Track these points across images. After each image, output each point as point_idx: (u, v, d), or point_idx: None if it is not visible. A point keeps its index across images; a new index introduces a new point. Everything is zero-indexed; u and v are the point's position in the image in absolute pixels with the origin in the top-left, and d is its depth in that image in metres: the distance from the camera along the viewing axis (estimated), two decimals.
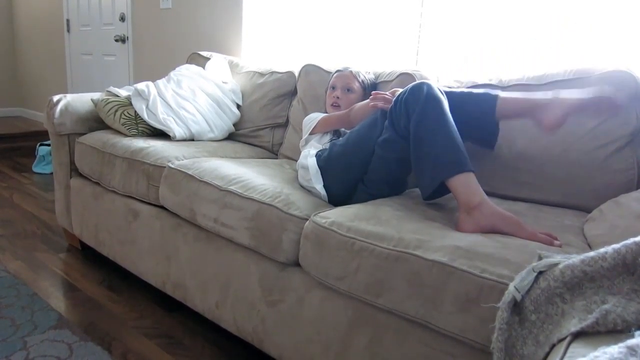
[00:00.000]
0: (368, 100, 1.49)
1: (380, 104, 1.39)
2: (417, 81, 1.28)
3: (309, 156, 1.49)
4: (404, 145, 1.28)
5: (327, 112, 1.75)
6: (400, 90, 1.36)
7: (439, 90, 1.26)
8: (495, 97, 1.34)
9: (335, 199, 1.42)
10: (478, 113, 1.36)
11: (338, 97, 1.69)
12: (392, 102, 1.31)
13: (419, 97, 1.23)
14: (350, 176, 1.40)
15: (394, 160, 1.33)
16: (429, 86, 1.25)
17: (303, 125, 1.71)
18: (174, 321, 1.68)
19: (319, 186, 1.41)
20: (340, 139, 1.48)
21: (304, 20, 2.56)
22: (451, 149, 1.17)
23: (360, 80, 1.72)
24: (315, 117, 1.66)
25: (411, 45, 2.18)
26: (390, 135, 1.31)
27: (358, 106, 1.52)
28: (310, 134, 1.65)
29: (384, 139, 1.32)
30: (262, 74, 2.22)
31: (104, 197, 1.93)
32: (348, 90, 1.69)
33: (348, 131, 1.57)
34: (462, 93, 1.38)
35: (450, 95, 1.36)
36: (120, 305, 1.77)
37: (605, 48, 1.67)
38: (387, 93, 1.41)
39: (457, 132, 1.21)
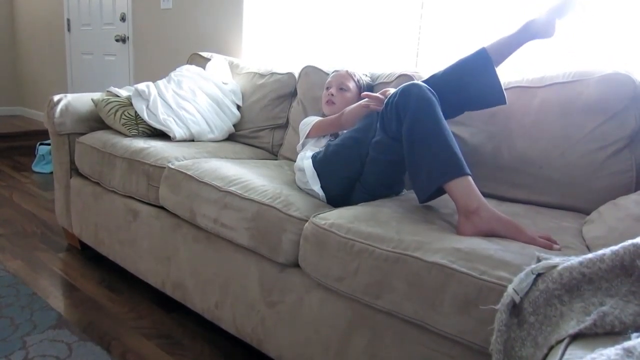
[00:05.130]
0: (359, 103, 1.49)
1: (372, 104, 1.39)
2: (407, 83, 1.27)
3: (304, 158, 1.49)
4: (397, 148, 1.28)
5: (323, 111, 1.76)
6: (392, 90, 1.36)
7: (430, 90, 1.25)
8: (483, 50, 1.36)
9: (334, 199, 1.42)
10: (476, 73, 1.37)
11: (332, 95, 1.70)
12: (383, 105, 1.31)
13: (409, 99, 1.22)
14: (346, 175, 1.40)
15: (387, 162, 1.33)
16: (419, 87, 1.23)
17: (299, 129, 1.72)
18: (173, 321, 1.69)
19: (316, 187, 1.42)
20: (336, 139, 1.48)
21: (304, 22, 2.57)
22: (446, 153, 1.16)
23: (356, 80, 1.73)
24: (310, 122, 1.67)
25: (411, 46, 2.18)
26: (382, 138, 1.31)
27: (349, 109, 1.52)
28: (305, 138, 1.66)
29: (376, 141, 1.32)
30: (262, 75, 2.23)
31: (103, 197, 1.93)
32: (342, 88, 1.70)
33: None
34: (450, 66, 1.40)
35: (440, 73, 1.39)
36: (120, 305, 1.77)
37: (605, 50, 1.67)
38: (377, 94, 1.41)
39: (451, 135, 1.20)
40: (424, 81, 1.39)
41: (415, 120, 1.20)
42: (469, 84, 1.36)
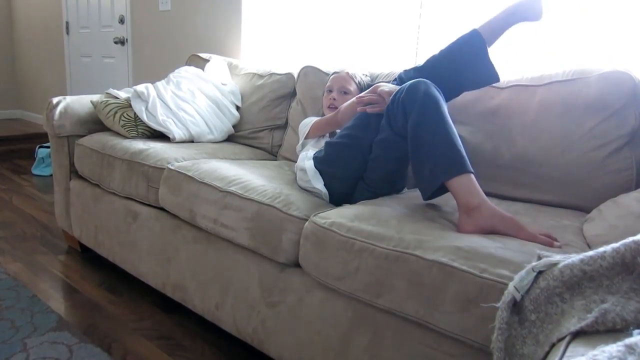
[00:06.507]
0: (353, 99, 1.49)
1: (369, 109, 1.38)
2: (415, 80, 1.27)
3: (306, 158, 1.49)
4: (402, 144, 1.28)
5: (323, 115, 1.76)
6: (384, 84, 1.36)
7: (436, 88, 1.25)
8: (476, 32, 1.41)
9: (337, 197, 1.42)
10: (470, 54, 1.41)
11: (334, 99, 1.69)
12: (389, 101, 1.31)
13: (416, 96, 1.22)
14: (348, 174, 1.40)
15: (392, 159, 1.33)
16: (427, 85, 1.24)
17: (298, 130, 1.72)
18: (173, 323, 1.68)
19: (319, 185, 1.42)
20: (333, 137, 1.48)
21: (303, 22, 2.57)
22: (450, 150, 1.17)
23: (357, 82, 1.73)
24: (308, 123, 1.67)
25: (410, 46, 2.18)
26: (387, 134, 1.30)
27: (344, 107, 1.52)
28: (305, 138, 1.66)
29: (381, 138, 1.32)
30: (261, 76, 2.23)
31: (103, 198, 1.93)
32: (344, 92, 1.70)
33: None
34: (445, 49, 1.45)
35: (436, 57, 1.44)
36: (120, 307, 1.77)
37: (604, 48, 1.67)
38: (368, 93, 1.40)
39: (456, 132, 1.20)
40: (420, 66, 1.46)
41: (421, 116, 1.21)
42: (465, 66, 1.42)
